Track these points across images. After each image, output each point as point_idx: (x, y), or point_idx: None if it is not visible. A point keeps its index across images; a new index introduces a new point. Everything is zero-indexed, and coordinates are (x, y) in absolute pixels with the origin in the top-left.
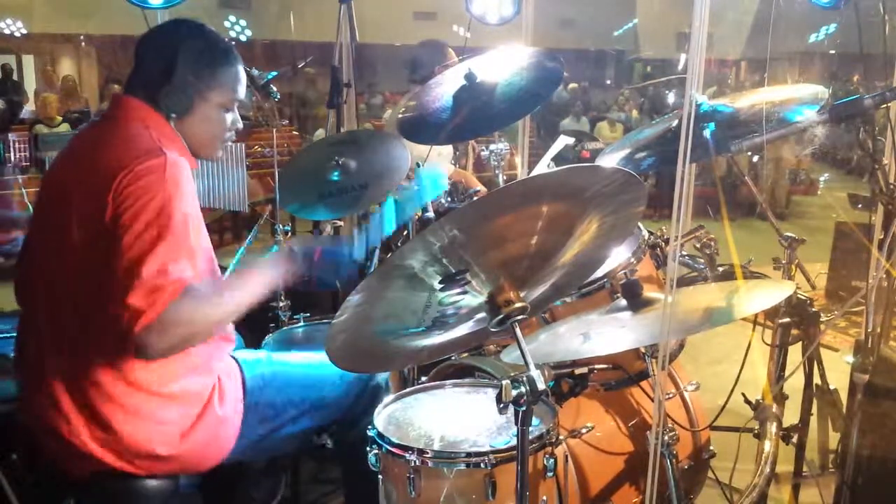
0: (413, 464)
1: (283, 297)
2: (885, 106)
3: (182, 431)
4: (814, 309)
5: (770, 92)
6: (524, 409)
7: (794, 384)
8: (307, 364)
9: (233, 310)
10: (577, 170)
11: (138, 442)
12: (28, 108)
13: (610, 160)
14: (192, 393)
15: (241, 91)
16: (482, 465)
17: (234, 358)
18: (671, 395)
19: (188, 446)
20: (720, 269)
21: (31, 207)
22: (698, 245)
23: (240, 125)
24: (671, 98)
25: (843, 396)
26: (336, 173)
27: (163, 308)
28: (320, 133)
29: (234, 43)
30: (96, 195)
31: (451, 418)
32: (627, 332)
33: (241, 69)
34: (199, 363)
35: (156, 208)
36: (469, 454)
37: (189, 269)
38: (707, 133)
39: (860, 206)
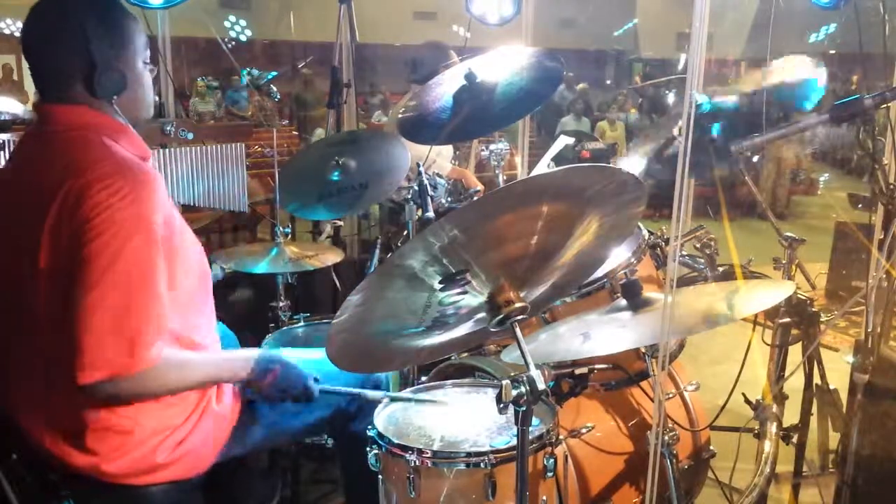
0: (413, 464)
1: (282, 297)
2: (885, 106)
3: (181, 436)
4: (814, 309)
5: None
6: (524, 409)
7: (794, 384)
8: (304, 360)
9: (200, 382)
10: (577, 170)
11: (137, 460)
12: (27, 108)
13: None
14: (191, 397)
15: (145, 37)
16: (482, 465)
17: None
18: (671, 395)
19: (186, 448)
20: (720, 269)
21: None
22: (698, 245)
23: (154, 70)
24: (671, 98)
25: (843, 396)
26: (336, 173)
27: (139, 369)
28: (319, 133)
29: (233, 43)
30: (55, 229)
31: (451, 418)
32: (627, 332)
33: (135, 16)
34: None
35: (122, 244)
36: (469, 454)
37: (163, 313)
38: (713, 130)
39: (860, 206)
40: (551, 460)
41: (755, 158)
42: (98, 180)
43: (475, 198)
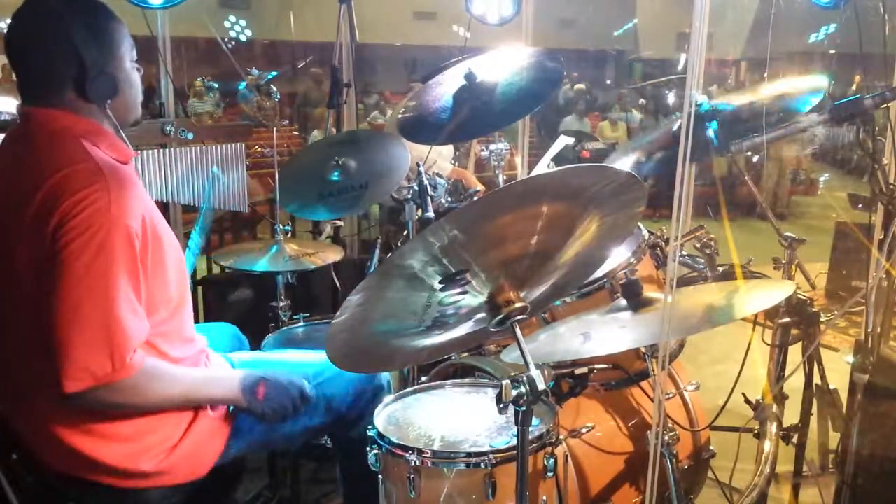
0: (413, 464)
1: (282, 297)
2: (885, 106)
3: (172, 444)
4: (814, 309)
5: (770, 87)
6: (524, 409)
7: (794, 384)
8: (304, 363)
9: (183, 399)
10: (577, 170)
11: (127, 465)
12: None
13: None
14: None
15: (130, 38)
16: (482, 465)
17: (227, 358)
18: (671, 395)
19: (178, 456)
20: (720, 269)
21: None
22: (698, 245)
23: (140, 69)
24: (671, 98)
25: (843, 396)
26: (336, 173)
27: (122, 377)
28: (316, 134)
29: (233, 43)
30: (33, 230)
31: (451, 418)
32: (627, 332)
33: (118, 17)
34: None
35: (99, 248)
36: (469, 454)
37: (142, 319)
38: (710, 132)
39: (860, 206)
40: (551, 460)
41: (755, 158)
42: (76, 180)
43: (475, 198)
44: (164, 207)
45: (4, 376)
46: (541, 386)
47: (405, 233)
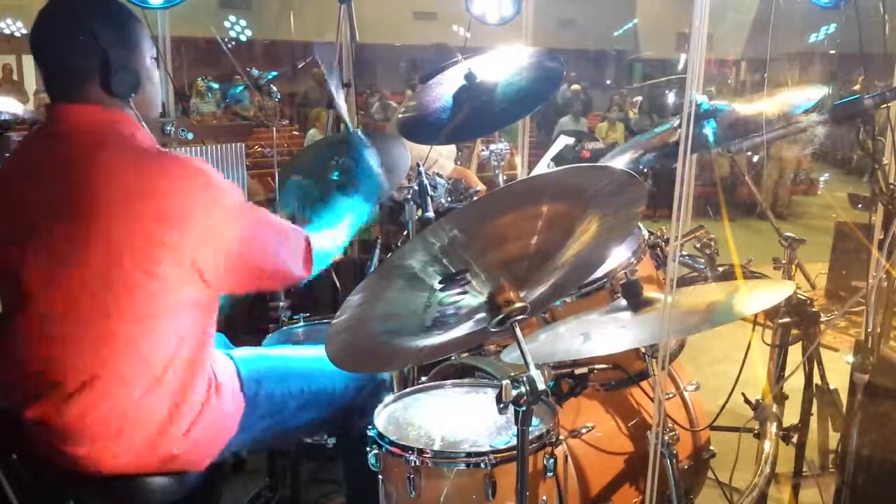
0: (413, 464)
1: (282, 297)
2: (885, 106)
3: (183, 430)
4: (814, 309)
5: (771, 98)
6: (524, 409)
7: (794, 384)
8: (305, 357)
9: (339, 237)
10: (577, 170)
11: (135, 453)
12: (28, 108)
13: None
14: (190, 395)
15: (149, 35)
16: (482, 465)
17: (229, 356)
18: (671, 395)
19: (190, 443)
20: (720, 269)
21: None
22: (698, 245)
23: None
24: (671, 98)
25: (843, 396)
26: (336, 173)
27: (311, 265)
28: (313, 133)
29: (233, 43)
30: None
31: (451, 418)
32: (627, 332)
33: (137, 16)
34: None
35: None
36: (469, 454)
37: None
38: (708, 130)
39: (860, 206)
40: (551, 460)
41: (755, 158)
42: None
43: (475, 198)
44: None
45: (16, 374)
46: (541, 386)
47: (405, 233)
